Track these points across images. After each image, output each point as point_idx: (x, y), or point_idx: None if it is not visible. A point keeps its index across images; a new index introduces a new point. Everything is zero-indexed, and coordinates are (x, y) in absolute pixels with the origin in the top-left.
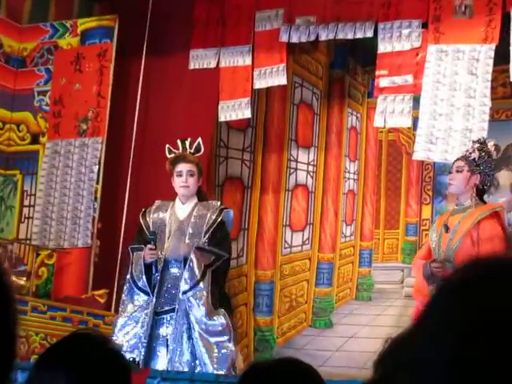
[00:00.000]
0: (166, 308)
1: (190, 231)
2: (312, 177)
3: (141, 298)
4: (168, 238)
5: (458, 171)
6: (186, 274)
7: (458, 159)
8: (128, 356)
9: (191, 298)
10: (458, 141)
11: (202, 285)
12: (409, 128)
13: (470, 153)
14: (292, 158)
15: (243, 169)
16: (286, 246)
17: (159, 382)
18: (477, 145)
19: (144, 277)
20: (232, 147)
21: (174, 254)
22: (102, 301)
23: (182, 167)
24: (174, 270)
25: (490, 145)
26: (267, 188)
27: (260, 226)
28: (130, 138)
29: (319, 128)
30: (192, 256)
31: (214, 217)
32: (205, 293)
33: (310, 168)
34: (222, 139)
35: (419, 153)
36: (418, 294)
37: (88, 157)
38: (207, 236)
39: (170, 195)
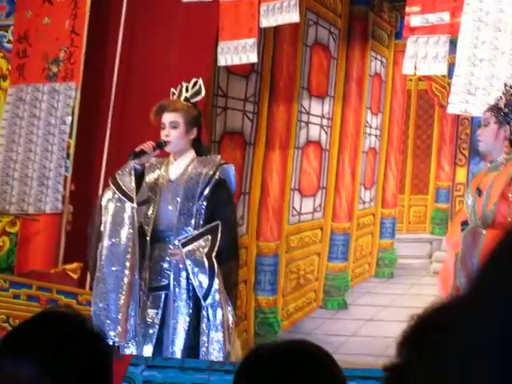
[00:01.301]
0: (154, 285)
1: (183, 194)
2: (326, 132)
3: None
4: (158, 202)
5: (484, 125)
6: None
7: (485, 110)
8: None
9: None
10: (500, 91)
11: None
12: (443, 76)
13: (498, 101)
14: (303, 110)
15: (245, 122)
16: (294, 213)
17: (143, 370)
18: (505, 89)
19: (132, 178)
20: (232, 96)
21: (164, 222)
22: (75, 276)
23: (165, 118)
24: (164, 241)
25: None
26: (273, 145)
27: (264, 189)
28: (110, 84)
29: (336, 74)
30: (188, 266)
31: (210, 173)
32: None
33: (325, 122)
34: (221, 86)
35: (455, 105)
36: (444, 283)
37: (59, 105)
38: (202, 199)
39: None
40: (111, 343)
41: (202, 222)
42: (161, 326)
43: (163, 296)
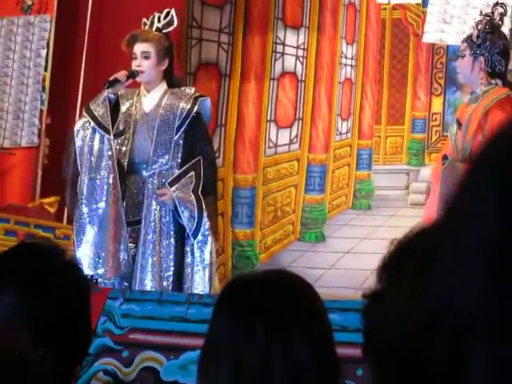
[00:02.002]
0: (131, 219)
1: (159, 126)
2: (302, 63)
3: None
4: (133, 134)
5: (461, 56)
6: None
7: (462, 41)
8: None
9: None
10: (476, 19)
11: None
12: (418, 4)
13: (472, 31)
14: (278, 41)
15: (220, 53)
16: (271, 145)
17: (121, 303)
18: (479, 18)
19: (108, 108)
20: (207, 27)
21: (139, 155)
22: (53, 210)
23: (136, 48)
24: (140, 174)
25: (497, 13)
26: (248, 76)
27: (240, 121)
28: (85, 16)
29: (311, 4)
30: (178, 204)
31: (187, 107)
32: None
33: (300, 52)
34: (195, 17)
35: (430, 34)
36: (428, 217)
37: (34, 38)
38: (180, 133)
39: (134, 84)
40: (93, 278)
41: (179, 156)
42: None
43: (143, 230)
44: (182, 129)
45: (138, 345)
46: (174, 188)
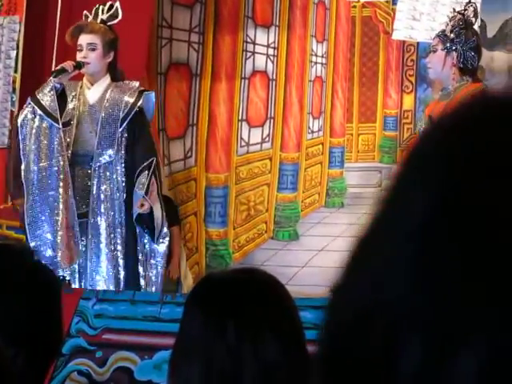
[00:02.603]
0: (77, 212)
1: (103, 119)
2: (272, 62)
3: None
4: (77, 125)
5: (433, 51)
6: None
7: (434, 37)
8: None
9: None
10: (445, 16)
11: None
12: (387, 2)
13: (445, 26)
14: (249, 40)
15: (190, 53)
16: (243, 144)
17: (94, 303)
18: (452, 14)
19: (54, 97)
20: (177, 27)
21: (83, 147)
22: None
23: (82, 39)
24: (84, 167)
25: (470, 10)
26: (219, 75)
27: (211, 120)
28: (54, 16)
29: (281, 2)
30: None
31: (132, 100)
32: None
33: (270, 51)
34: (165, 17)
35: (400, 31)
36: None
37: (3, 40)
38: (124, 126)
39: (78, 76)
40: (60, 275)
41: (123, 150)
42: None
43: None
44: (126, 122)
45: (112, 345)
46: (147, 196)
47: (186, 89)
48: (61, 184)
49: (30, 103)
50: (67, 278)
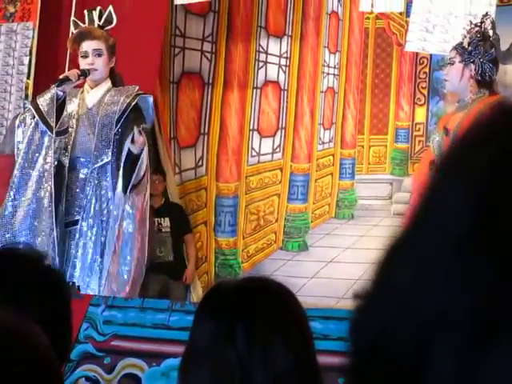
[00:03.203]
0: (70, 219)
1: (100, 121)
2: (285, 72)
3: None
4: (76, 130)
5: (450, 64)
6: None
7: (451, 49)
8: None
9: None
10: (459, 29)
11: None
12: (401, 14)
13: (463, 39)
14: (261, 50)
15: (203, 62)
16: (254, 154)
17: (104, 310)
18: (469, 27)
19: (54, 105)
20: (190, 36)
21: (82, 150)
22: None
23: (87, 46)
24: (83, 171)
25: (488, 23)
26: (231, 85)
27: (222, 130)
28: (68, 23)
29: (294, 13)
30: None
31: (128, 100)
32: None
33: (283, 61)
34: (178, 26)
35: (413, 43)
36: None
37: (17, 46)
38: (120, 124)
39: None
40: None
41: (116, 149)
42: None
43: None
44: (120, 123)
45: (120, 351)
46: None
47: (198, 98)
48: (41, 191)
49: (28, 107)
50: (77, 283)
